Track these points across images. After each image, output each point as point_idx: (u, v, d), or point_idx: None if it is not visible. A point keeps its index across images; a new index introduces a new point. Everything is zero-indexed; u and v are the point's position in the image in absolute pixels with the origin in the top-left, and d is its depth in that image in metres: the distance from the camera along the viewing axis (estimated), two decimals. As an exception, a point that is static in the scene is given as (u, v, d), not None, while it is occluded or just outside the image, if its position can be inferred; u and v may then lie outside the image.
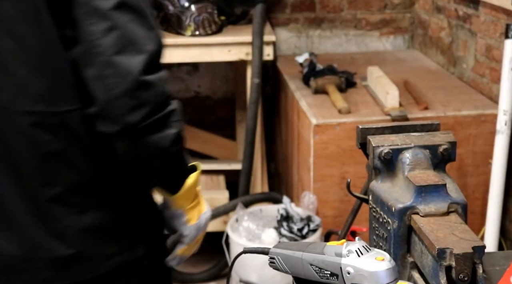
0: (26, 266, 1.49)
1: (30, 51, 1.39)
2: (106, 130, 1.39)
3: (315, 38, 3.88)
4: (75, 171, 1.46)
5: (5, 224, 1.47)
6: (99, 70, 1.36)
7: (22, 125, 1.41)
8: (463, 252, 1.18)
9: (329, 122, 2.80)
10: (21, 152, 1.43)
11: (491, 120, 2.81)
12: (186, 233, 1.64)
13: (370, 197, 1.41)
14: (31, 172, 1.44)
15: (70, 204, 1.47)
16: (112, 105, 1.36)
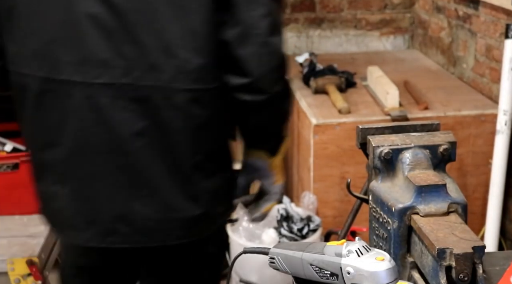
0: (162, 227, 1.67)
1: (192, 35, 1.56)
2: (254, 99, 1.65)
3: (315, 38, 3.88)
4: (214, 140, 1.72)
5: (146, 191, 1.64)
6: (256, 49, 1.59)
7: (180, 101, 1.59)
8: (463, 252, 1.18)
9: (329, 122, 2.80)
10: (176, 126, 1.61)
11: (491, 120, 2.81)
12: (276, 191, 1.91)
13: (370, 197, 1.41)
14: (182, 143, 1.63)
15: (205, 169, 1.69)
16: (264, 78, 1.62)
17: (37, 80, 1.61)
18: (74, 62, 1.57)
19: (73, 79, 1.58)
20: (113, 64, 1.56)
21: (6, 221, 2.67)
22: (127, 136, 1.60)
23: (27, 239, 2.51)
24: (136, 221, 1.66)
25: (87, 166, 1.64)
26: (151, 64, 1.56)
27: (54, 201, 1.72)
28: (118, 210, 1.65)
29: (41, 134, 1.67)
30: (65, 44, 1.56)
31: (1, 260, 2.40)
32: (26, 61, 1.61)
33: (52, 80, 1.59)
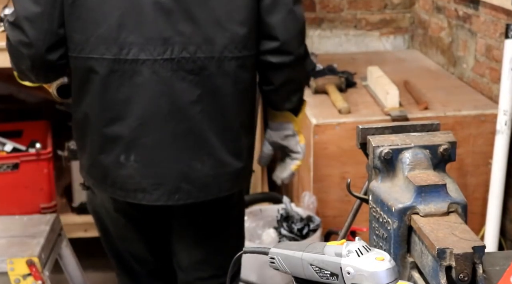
0: (216, 181, 1.94)
1: (238, 9, 1.83)
2: (282, 61, 1.92)
3: (315, 38, 3.87)
4: (252, 102, 1.99)
5: (204, 151, 1.90)
6: (284, 16, 1.90)
7: (230, 68, 1.86)
8: (463, 252, 1.18)
9: (329, 122, 2.80)
10: (226, 90, 1.88)
11: (491, 120, 2.81)
12: (300, 150, 2.15)
13: (370, 197, 1.41)
14: (231, 105, 1.90)
15: (246, 128, 1.98)
16: (291, 41, 1.91)
17: (105, 62, 1.82)
18: (140, 43, 1.80)
19: (140, 57, 1.81)
20: (172, 41, 1.80)
21: (6, 221, 2.66)
22: (187, 103, 1.84)
23: (27, 239, 2.51)
24: (197, 179, 1.91)
25: (153, 134, 1.86)
26: (205, 38, 1.82)
27: (122, 169, 1.91)
28: (181, 171, 1.90)
29: (109, 110, 1.87)
30: (132, 28, 1.79)
31: (1, 260, 2.40)
32: (94, 46, 1.81)
33: (120, 61, 1.82)
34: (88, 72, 1.85)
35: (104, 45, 1.81)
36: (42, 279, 2.42)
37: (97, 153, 1.94)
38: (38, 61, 1.85)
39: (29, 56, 1.84)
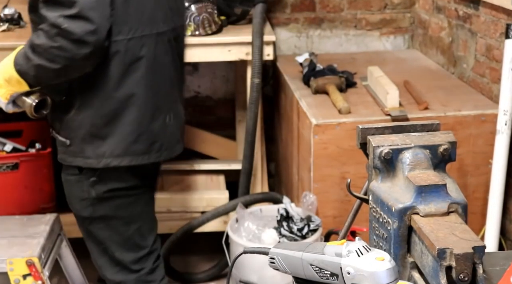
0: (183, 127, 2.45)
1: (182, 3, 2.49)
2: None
3: (315, 38, 3.87)
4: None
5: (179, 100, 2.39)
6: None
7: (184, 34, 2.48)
8: (463, 252, 1.18)
9: (329, 122, 2.80)
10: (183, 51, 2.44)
11: (491, 120, 2.81)
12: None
13: (370, 197, 1.41)
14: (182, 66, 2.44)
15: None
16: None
17: (154, 37, 2.23)
18: (161, 20, 2.26)
19: (163, 30, 2.27)
20: (168, 19, 2.29)
21: (6, 221, 2.66)
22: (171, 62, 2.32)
23: (26, 239, 2.51)
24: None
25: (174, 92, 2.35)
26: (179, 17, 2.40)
27: (167, 129, 2.30)
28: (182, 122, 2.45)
29: (157, 79, 2.26)
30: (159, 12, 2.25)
31: (1, 260, 2.40)
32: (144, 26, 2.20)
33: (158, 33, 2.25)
34: (140, 49, 2.19)
35: (150, 25, 2.21)
36: (42, 279, 2.42)
37: (147, 123, 2.25)
38: (99, 47, 2.06)
39: (94, 42, 2.04)
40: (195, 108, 3.94)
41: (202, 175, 3.57)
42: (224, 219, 3.23)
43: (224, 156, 3.79)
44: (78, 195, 2.31)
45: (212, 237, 3.25)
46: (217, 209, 3.22)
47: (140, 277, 2.42)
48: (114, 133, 2.21)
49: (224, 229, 3.06)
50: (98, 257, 2.41)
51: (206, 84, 3.94)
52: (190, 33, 3.22)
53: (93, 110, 2.19)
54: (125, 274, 2.40)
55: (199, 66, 3.88)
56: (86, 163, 2.24)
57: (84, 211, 2.32)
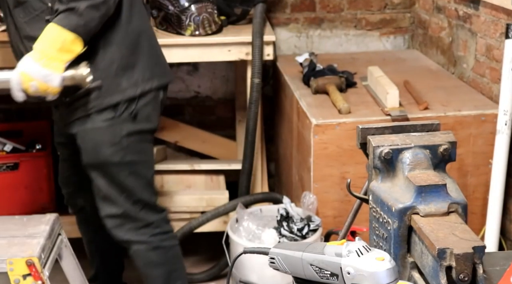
0: None
1: None
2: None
3: (315, 38, 3.87)
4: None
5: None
6: None
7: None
8: (463, 252, 1.18)
9: (329, 122, 2.80)
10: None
11: (491, 120, 2.81)
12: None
13: (370, 197, 1.41)
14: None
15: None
16: None
17: None
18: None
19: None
20: None
21: (6, 221, 2.66)
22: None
23: (26, 239, 2.51)
24: None
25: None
26: None
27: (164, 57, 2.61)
28: None
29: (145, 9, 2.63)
30: None
31: (1, 260, 2.40)
32: None
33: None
34: None
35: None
36: (41, 279, 2.42)
37: (157, 49, 2.55)
38: None
39: None
40: (195, 108, 3.94)
41: (202, 175, 3.57)
42: (224, 219, 3.23)
43: (224, 156, 3.79)
44: (110, 140, 2.44)
45: (212, 237, 3.25)
46: (217, 209, 3.22)
47: (165, 216, 2.63)
48: (140, 60, 2.43)
49: (224, 229, 3.06)
50: (119, 205, 2.51)
51: (206, 84, 3.94)
52: (190, 33, 3.22)
53: (117, 45, 2.38)
54: (153, 214, 2.56)
55: (199, 66, 3.88)
56: (125, 95, 2.41)
57: (115, 156, 2.45)
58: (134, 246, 2.57)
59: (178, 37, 3.23)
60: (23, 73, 2.25)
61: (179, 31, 3.24)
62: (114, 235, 2.57)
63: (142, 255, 2.58)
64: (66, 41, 2.24)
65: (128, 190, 2.51)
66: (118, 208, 2.52)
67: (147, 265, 2.60)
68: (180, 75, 3.88)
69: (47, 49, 2.24)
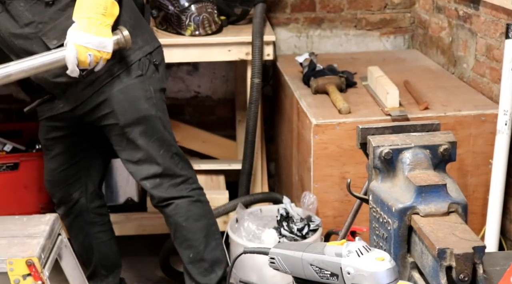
0: None
1: None
2: None
3: (315, 38, 3.87)
4: None
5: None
6: None
7: None
8: (463, 252, 1.18)
9: (329, 122, 2.80)
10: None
11: (492, 120, 2.81)
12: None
13: (370, 197, 1.41)
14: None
15: None
16: None
17: None
18: None
19: None
20: None
21: (6, 221, 2.66)
22: None
23: (26, 239, 2.51)
24: None
25: None
26: None
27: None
28: None
29: None
30: None
31: (1, 260, 2.40)
32: None
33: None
34: None
35: None
36: (41, 279, 2.41)
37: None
38: None
39: None
40: (195, 108, 3.94)
41: (202, 175, 3.56)
42: (224, 219, 3.23)
43: (224, 156, 3.79)
44: (145, 95, 2.51)
45: (212, 237, 3.25)
46: (217, 209, 3.22)
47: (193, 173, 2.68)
48: (140, 21, 2.56)
49: (224, 229, 3.06)
50: (160, 161, 2.56)
51: (206, 84, 3.94)
52: (190, 33, 3.22)
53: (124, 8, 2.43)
54: (188, 169, 2.64)
55: (199, 66, 3.88)
56: (144, 51, 2.50)
57: (152, 109, 2.52)
58: (177, 201, 2.61)
59: (178, 37, 3.23)
60: (79, 46, 2.23)
61: (179, 31, 3.24)
62: (155, 195, 2.60)
63: (184, 209, 2.63)
64: (108, 5, 2.27)
65: (166, 144, 2.57)
66: (159, 165, 2.57)
67: (189, 219, 2.64)
68: (180, 75, 3.88)
69: (93, 16, 2.25)
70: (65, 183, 2.81)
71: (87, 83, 2.47)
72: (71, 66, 2.25)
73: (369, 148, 1.43)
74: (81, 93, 2.50)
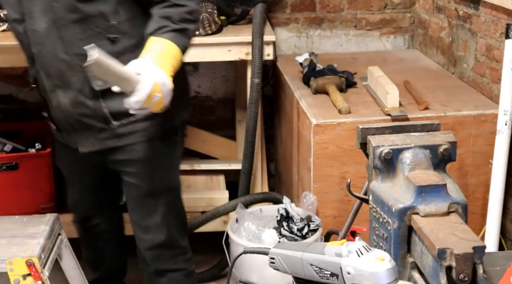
0: None
1: None
2: None
3: (315, 38, 3.87)
4: None
5: None
6: None
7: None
8: (463, 252, 1.18)
9: (329, 122, 2.80)
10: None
11: (492, 120, 2.81)
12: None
13: (370, 197, 1.41)
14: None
15: None
16: None
17: None
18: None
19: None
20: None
21: (6, 221, 2.66)
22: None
23: (26, 239, 2.51)
24: None
25: None
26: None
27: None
28: None
29: None
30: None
31: (1, 260, 2.40)
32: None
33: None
34: None
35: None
36: (41, 279, 2.41)
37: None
38: None
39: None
40: (195, 108, 3.94)
41: (202, 175, 3.56)
42: (224, 219, 3.23)
43: (224, 156, 3.79)
44: (175, 165, 2.45)
45: (212, 237, 3.25)
46: (217, 209, 3.22)
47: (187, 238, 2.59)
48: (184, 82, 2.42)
49: (224, 229, 3.06)
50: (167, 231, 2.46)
51: (206, 84, 3.94)
52: (190, 33, 3.22)
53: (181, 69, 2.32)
54: (186, 240, 2.56)
55: (199, 66, 3.88)
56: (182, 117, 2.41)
57: (177, 179, 2.49)
58: (171, 274, 2.54)
59: (178, 37, 3.23)
60: (157, 84, 2.00)
61: (179, 31, 3.23)
62: (152, 265, 2.51)
63: (176, 282, 2.55)
64: (179, 60, 2.13)
65: (180, 214, 2.52)
66: (164, 235, 2.46)
67: None
68: (180, 75, 3.88)
69: (172, 65, 2.09)
70: (87, 211, 2.73)
71: (114, 134, 2.30)
72: (139, 98, 1.97)
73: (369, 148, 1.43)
74: (102, 141, 2.32)
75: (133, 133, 2.30)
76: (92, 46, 1.84)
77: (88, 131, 2.31)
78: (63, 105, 2.28)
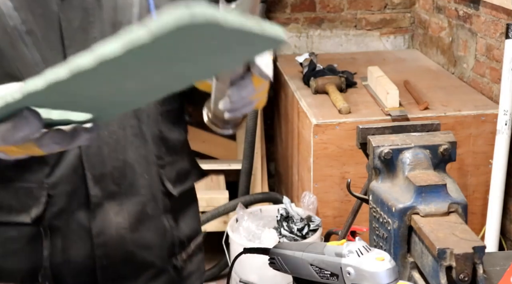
0: None
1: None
2: None
3: (315, 38, 3.87)
4: None
5: None
6: None
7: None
8: (463, 252, 1.18)
9: (329, 122, 2.80)
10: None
11: (492, 120, 2.81)
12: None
13: (370, 197, 1.41)
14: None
15: None
16: None
17: None
18: None
19: None
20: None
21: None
22: None
23: (27, 239, 2.51)
24: None
25: None
26: None
27: None
28: None
29: None
30: None
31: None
32: None
33: None
34: None
35: None
36: (42, 279, 2.42)
37: None
38: None
39: None
40: (195, 108, 3.94)
41: (202, 175, 3.57)
42: (224, 219, 3.23)
43: (224, 156, 3.79)
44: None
45: (212, 237, 3.25)
46: (217, 209, 3.22)
47: None
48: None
49: (224, 229, 3.06)
50: None
51: (206, 84, 3.94)
52: (190, 33, 3.21)
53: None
54: None
55: (199, 66, 3.88)
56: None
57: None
58: None
59: (178, 37, 3.23)
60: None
61: (179, 31, 3.23)
62: None
63: None
64: None
65: None
66: None
67: None
68: (180, 75, 3.88)
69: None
70: None
71: (174, 277, 1.49)
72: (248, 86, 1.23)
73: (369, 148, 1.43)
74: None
75: (193, 274, 1.57)
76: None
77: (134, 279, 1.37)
78: (116, 228, 1.32)
